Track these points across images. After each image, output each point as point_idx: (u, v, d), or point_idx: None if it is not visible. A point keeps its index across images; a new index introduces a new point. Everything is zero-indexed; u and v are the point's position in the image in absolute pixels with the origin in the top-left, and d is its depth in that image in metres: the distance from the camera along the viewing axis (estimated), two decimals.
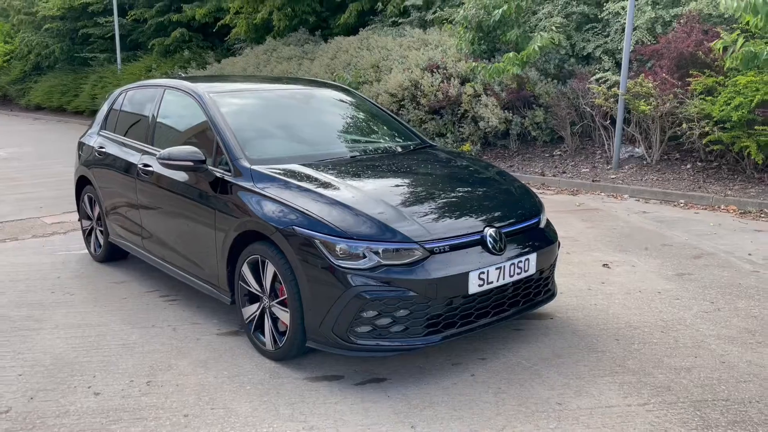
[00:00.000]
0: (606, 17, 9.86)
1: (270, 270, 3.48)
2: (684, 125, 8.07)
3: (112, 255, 5.47)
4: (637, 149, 9.09)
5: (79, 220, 5.91)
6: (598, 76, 9.19)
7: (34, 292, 4.83)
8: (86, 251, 5.78)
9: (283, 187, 3.58)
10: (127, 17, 21.34)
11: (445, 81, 10.10)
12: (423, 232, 3.28)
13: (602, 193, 8.18)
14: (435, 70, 10.31)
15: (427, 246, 3.24)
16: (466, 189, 3.95)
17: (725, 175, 8.02)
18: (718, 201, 7.28)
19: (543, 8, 10.65)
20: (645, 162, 8.81)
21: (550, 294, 3.91)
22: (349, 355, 3.35)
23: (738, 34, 7.21)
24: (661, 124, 8.51)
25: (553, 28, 9.78)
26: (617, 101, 8.69)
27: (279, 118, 4.54)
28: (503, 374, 3.42)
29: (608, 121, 9.21)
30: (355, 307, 3.15)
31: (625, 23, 8.89)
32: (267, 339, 3.60)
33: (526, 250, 3.57)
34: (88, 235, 5.71)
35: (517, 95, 9.80)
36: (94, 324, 4.21)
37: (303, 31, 15.47)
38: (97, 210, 5.44)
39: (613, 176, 8.62)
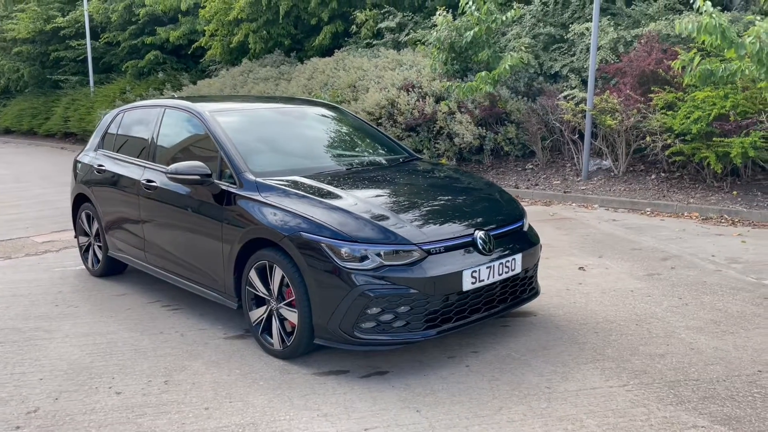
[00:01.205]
0: (571, 38, 10.40)
1: (278, 274, 3.74)
2: (648, 138, 8.58)
3: (109, 269, 5.65)
4: (604, 162, 9.58)
5: (75, 237, 6.04)
6: (565, 93, 9.68)
7: (38, 306, 4.99)
8: (83, 267, 5.94)
9: (287, 197, 3.85)
10: (99, 40, 21.37)
11: (420, 99, 10.49)
12: (420, 235, 3.59)
13: (573, 204, 8.61)
14: (410, 89, 10.70)
15: (424, 247, 3.55)
16: (456, 196, 4.28)
17: (687, 184, 8.53)
18: (682, 208, 7.75)
19: (512, 30, 11.17)
20: (612, 173, 9.29)
21: (534, 292, 4.25)
22: (355, 350, 3.63)
23: (695, 53, 7.74)
24: (626, 138, 9.02)
25: (522, 48, 10.28)
26: (585, 117, 9.19)
27: (277, 134, 4.81)
28: (495, 364, 3.72)
29: (577, 136, 9.69)
30: (360, 304, 3.43)
31: (589, 43, 9.44)
32: (275, 339, 3.85)
33: (513, 250, 3.90)
34: (85, 251, 5.87)
35: (489, 112, 10.24)
36: (103, 332, 4.40)
37: (278, 52, 15.76)
38: (95, 226, 5.61)
39: (583, 187, 9.07)
